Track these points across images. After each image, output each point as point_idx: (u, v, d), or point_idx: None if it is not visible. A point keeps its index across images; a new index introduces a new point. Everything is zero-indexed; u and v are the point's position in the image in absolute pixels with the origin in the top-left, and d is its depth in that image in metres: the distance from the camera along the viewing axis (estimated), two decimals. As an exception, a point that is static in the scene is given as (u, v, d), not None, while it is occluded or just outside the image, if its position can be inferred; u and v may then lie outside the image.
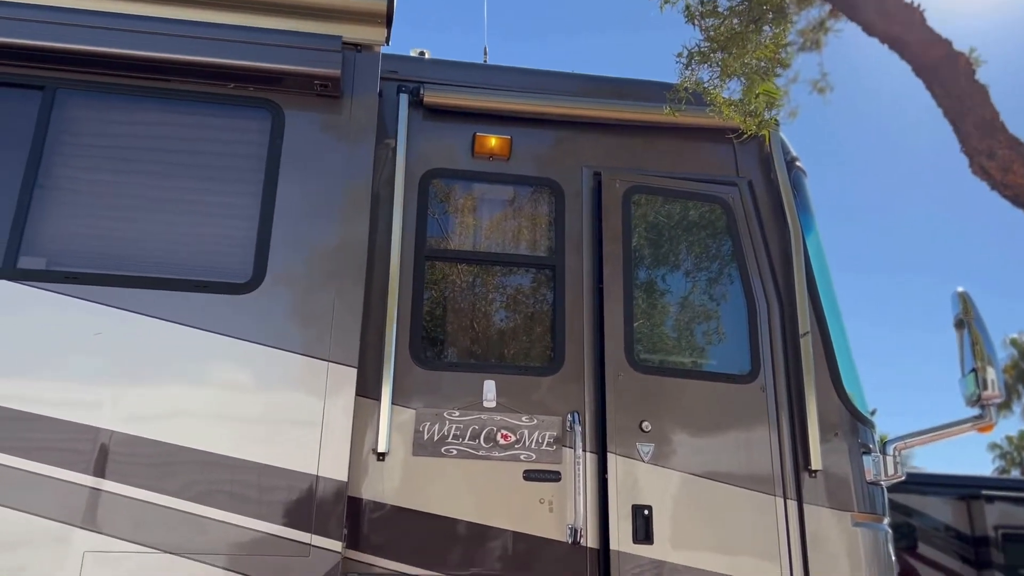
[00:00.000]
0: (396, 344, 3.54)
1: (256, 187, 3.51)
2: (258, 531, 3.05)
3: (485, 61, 4.96)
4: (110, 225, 3.42)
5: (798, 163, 4.36)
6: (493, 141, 3.98)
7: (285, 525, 3.07)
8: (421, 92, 3.98)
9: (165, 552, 2.97)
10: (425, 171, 3.91)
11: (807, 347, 3.80)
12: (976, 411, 3.62)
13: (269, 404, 3.20)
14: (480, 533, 3.38)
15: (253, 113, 3.65)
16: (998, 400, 3.55)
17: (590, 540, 3.45)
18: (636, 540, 3.44)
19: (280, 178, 3.52)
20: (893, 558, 3.79)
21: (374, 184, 3.70)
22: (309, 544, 3.07)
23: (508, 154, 4.00)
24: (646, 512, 3.48)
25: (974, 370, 3.57)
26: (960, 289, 3.69)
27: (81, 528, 2.95)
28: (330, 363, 3.28)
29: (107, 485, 3.01)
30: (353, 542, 3.30)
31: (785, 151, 4.27)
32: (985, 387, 3.53)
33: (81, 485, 3.00)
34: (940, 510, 12.31)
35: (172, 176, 3.51)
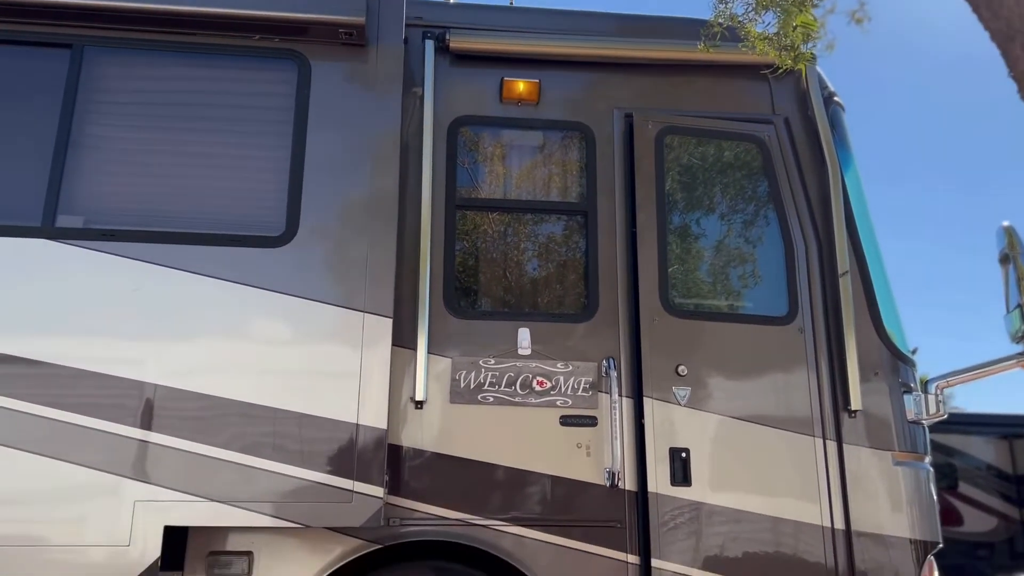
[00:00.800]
0: (430, 294, 3.55)
1: (285, 140, 3.50)
2: (301, 479, 3.11)
3: (511, 3, 4.85)
4: (143, 181, 3.43)
5: (836, 98, 4.24)
6: (521, 86, 3.92)
7: (328, 473, 3.13)
8: (447, 37, 3.92)
9: (212, 500, 3.05)
10: (453, 119, 3.87)
11: (846, 287, 3.74)
12: (1022, 348, 3.55)
13: (308, 355, 3.23)
14: (519, 478, 3.42)
15: (280, 65, 3.62)
16: (1045, 336, 3.47)
17: (628, 483, 3.47)
18: (674, 482, 3.46)
19: (309, 130, 3.51)
20: (935, 496, 3.77)
21: (403, 133, 3.68)
22: (351, 491, 3.13)
23: (537, 98, 3.94)
24: (683, 455, 3.49)
25: (1019, 306, 3.49)
26: (1006, 223, 3.58)
27: (131, 479, 3.03)
28: (366, 314, 3.30)
29: (154, 437, 3.08)
30: (395, 488, 3.36)
31: (822, 86, 4.15)
32: (1031, 323, 3.45)
33: (129, 438, 3.07)
34: (982, 449, 12.22)
35: (202, 131, 3.51)
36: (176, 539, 3.18)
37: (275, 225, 3.39)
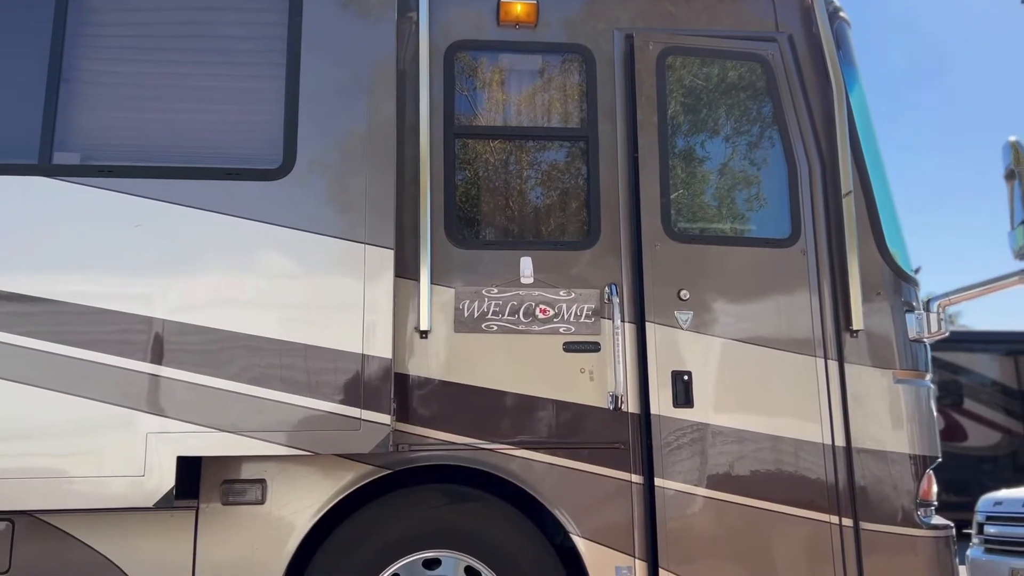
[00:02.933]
0: (431, 224, 3.55)
1: (279, 70, 3.45)
2: (310, 408, 3.18)
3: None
4: (138, 116, 3.40)
5: (841, 14, 4.13)
6: (518, 7, 3.83)
7: (335, 402, 3.19)
8: (441, -41, 3.81)
9: (223, 431, 3.12)
10: (450, 44, 3.79)
11: (850, 207, 3.71)
12: (1025, 264, 3.54)
13: (310, 288, 3.26)
14: (524, 403, 3.48)
15: (270, -8, 3.54)
16: (1049, 252, 3.46)
17: (631, 406, 3.53)
18: (676, 404, 3.51)
19: (303, 59, 3.45)
20: (935, 413, 3.82)
21: (399, 60, 3.62)
22: (359, 419, 3.19)
23: (535, 20, 3.85)
24: (686, 377, 3.54)
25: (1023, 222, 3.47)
26: (1012, 139, 3.53)
27: (143, 412, 3.10)
28: (367, 245, 3.31)
29: (162, 371, 3.13)
30: (403, 416, 3.43)
31: (827, 1, 4.03)
32: (1035, 239, 3.43)
33: (137, 372, 3.13)
34: (987, 366, 12.33)
35: (195, 63, 3.46)
36: (191, 469, 3.27)
37: (272, 157, 3.37)
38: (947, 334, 3.83)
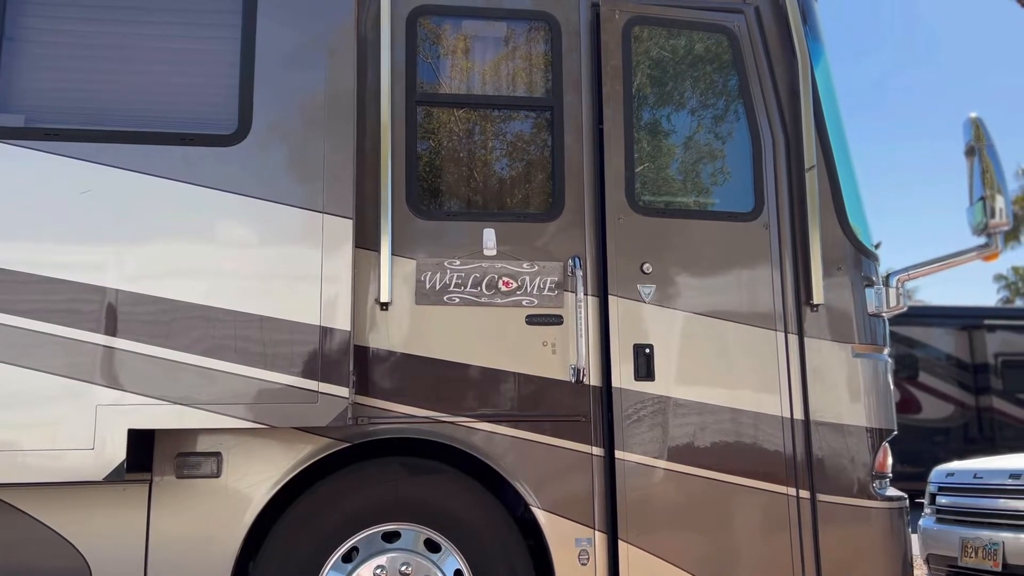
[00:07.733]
0: (392, 194, 3.48)
1: (235, 31, 3.33)
2: (266, 380, 3.11)
3: None
4: (87, 77, 3.28)
5: (808, -14, 4.10)
6: None
7: (292, 374, 3.13)
8: (403, -79, 3.70)
9: (175, 403, 3.04)
10: (412, 8, 3.69)
11: (812, 182, 3.72)
12: (983, 240, 3.58)
13: (267, 257, 3.18)
14: (486, 376, 3.45)
15: (226, -48, 3.41)
16: (1006, 228, 3.49)
17: (592, 379, 3.52)
18: (637, 377, 3.51)
19: (259, 22, 3.34)
20: (892, 387, 3.87)
21: (359, 24, 3.52)
22: (317, 391, 3.14)
23: None
24: (647, 351, 3.53)
25: (982, 198, 3.50)
26: (973, 115, 3.54)
27: (91, 384, 3.01)
28: (325, 215, 3.24)
29: (111, 342, 3.04)
30: (363, 388, 3.37)
31: (794, -27, 4.00)
32: (993, 215, 3.47)
33: (86, 343, 3.03)
34: (942, 340, 12.60)
35: (146, 22, 3.33)
36: (144, 442, 3.19)
37: (227, 123, 3.27)
38: (905, 309, 3.87)
